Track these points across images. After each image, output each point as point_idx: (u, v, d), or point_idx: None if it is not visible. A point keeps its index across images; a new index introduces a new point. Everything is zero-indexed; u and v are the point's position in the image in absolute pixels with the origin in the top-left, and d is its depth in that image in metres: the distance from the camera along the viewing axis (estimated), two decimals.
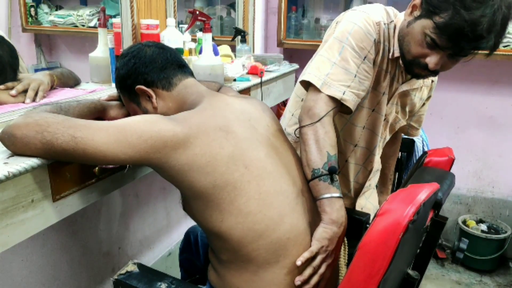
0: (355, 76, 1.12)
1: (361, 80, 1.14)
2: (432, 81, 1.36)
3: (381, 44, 1.17)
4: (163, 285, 0.95)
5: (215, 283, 1.00)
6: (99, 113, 1.05)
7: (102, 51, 1.46)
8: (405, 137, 2.03)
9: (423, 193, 0.80)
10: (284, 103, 2.32)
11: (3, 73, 1.20)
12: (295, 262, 0.93)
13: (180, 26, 1.67)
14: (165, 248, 1.89)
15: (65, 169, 0.89)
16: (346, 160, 1.35)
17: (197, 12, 1.54)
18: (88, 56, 1.48)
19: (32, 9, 1.79)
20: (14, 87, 1.16)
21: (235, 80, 1.66)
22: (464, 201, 2.61)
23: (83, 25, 1.84)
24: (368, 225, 0.84)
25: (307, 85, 1.16)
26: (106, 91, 1.35)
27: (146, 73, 1.01)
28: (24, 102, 1.15)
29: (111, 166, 1.00)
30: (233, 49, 1.98)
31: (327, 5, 2.55)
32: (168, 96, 1.02)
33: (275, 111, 2.42)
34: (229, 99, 1.04)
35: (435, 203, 0.92)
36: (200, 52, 1.57)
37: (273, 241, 0.92)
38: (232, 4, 2.33)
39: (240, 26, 2.21)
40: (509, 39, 2.12)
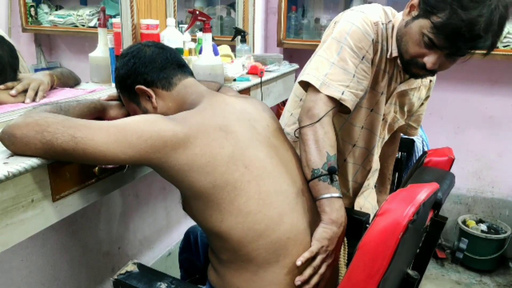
0: (353, 76, 1.12)
1: (359, 80, 1.14)
2: (430, 81, 1.36)
3: (379, 44, 1.18)
4: (163, 285, 0.95)
5: (215, 283, 1.00)
6: (99, 113, 1.05)
7: (102, 51, 1.46)
8: (405, 137, 2.02)
9: (423, 193, 0.80)
10: (284, 103, 2.32)
11: (3, 73, 1.20)
12: (295, 262, 0.93)
13: (180, 26, 1.67)
14: (165, 248, 1.89)
15: (65, 169, 0.89)
16: (344, 159, 1.35)
17: (197, 12, 1.54)
18: (88, 56, 1.48)
19: (32, 9, 1.79)
20: (14, 87, 1.16)
21: (235, 80, 1.66)
22: (464, 201, 2.61)
23: (83, 25, 1.84)
24: (367, 225, 0.84)
25: (305, 85, 1.16)
26: (106, 91, 1.35)
27: (146, 73, 1.01)
28: (24, 102, 1.15)
29: (111, 166, 1.00)
30: (233, 49, 1.98)
31: (327, 5, 2.55)
32: (168, 96, 1.02)
33: (275, 111, 2.42)
34: (229, 99, 1.04)
35: (435, 203, 0.92)
36: (200, 52, 1.57)
37: (273, 241, 0.92)
38: (232, 4, 2.33)
39: (240, 26, 2.21)
40: (509, 39, 2.12)
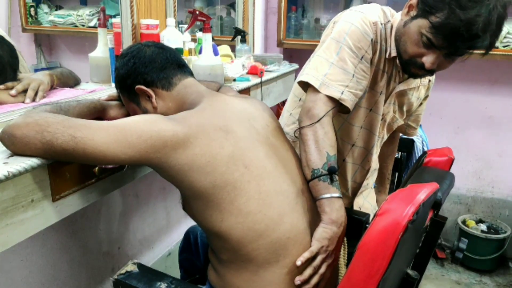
0: (353, 76, 1.12)
1: (358, 80, 1.14)
2: (429, 81, 1.37)
3: (378, 44, 1.18)
4: (163, 285, 0.95)
5: (215, 283, 1.00)
6: (99, 113, 1.05)
7: (102, 51, 1.46)
8: (405, 137, 2.02)
9: (423, 193, 0.80)
10: (284, 103, 2.32)
11: (3, 73, 1.20)
12: (295, 262, 0.93)
13: (180, 26, 1.67)
14: (165, 248, 1.89)
15: (65, 169, 0.89)
16: (343, 159, 1.35)
17: (197, 12, 1.54)
18: (88, 56, 1.48)
19: (32, 9, 1.78)
20: (14, 87, 1.16)
21: (235, 80, 1.66)
22: (463, 201, 2.61)
23: (83, 25, 1.84)
24: (367, 225, 0.84)
25: (305, 85, 1.16)
26: (106, 91, 1.35)
27: (145, 73, 1.01)
28: (24, 102, 1.15)
29: (110, 166, 1.00)
30: (233, 49, 1.98)
31: (327, 5, 2.55)
32: (167, 96, 1.02)
33: (275, 111, 2.42)
34: (228, 99, 1.04)
35: (434, 203, 0.92)
36: (200, 52, 1.57)
37: (273, 241, 0.92)
38: (232, 4, 2.33)
39: (240, 26, 2.21)
40: (509, 39, 2.12)
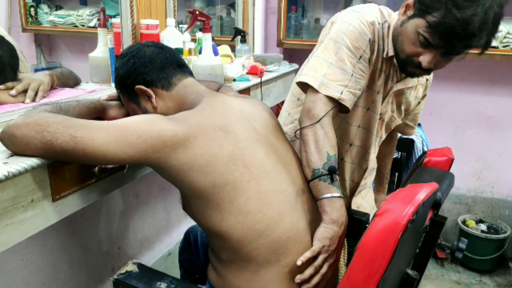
0: (351, 75, 1.13)
1: (357, 79, 1.14)
2: (427, 80, 1.37)
3: (376, 43, 1.18)
4: (163, 285, 0.95)
5: (215, 282, 1.00)
6: (98, 113, 1.05)
7: (102, 51, 1.46)
8: (405, 137, 2.03)
9: (422, 192, 0.80)
10: (283, 103, 2.32)
11: (3, 73, 1.20)
12: (295, 261, 0.93)
13: (180, 26, 1.67)
14: (165, 248, 1.89)
15: (65, 169, 0.89)
16: (342, 159, 1.35)
17: (197, 12, 1.54)
18: (88, 56, 1.48)
19: (32, 9, 1.78)
20: (14, 87, 1.16)
21: (235, 80, 1.66)
22: (463, 201, 2.61)
23: (83, 25, 1.84)
24: (367, 225, 0.84)
25: (303, 86, 1.16)
26: (106, 91, 1.35)
27: (145, 73, 1.01)
28: (24, 102, 1.15)
29: (110, 166, 1.00)
30: (233, 49, 1.98)
31: (327, 5, 2.55)
32: (167, 96, 1.02)
33: (275, 111, 2.41)
34: (228, 99, 1.04)
35: (434, 203, 0.92)
36: (199, 52, 1.57)
37: (273, 241, 0.92)
38: (232, 4, 2.33)
39: (240, 26, 2.21)
40: (508, 39, 2.12)
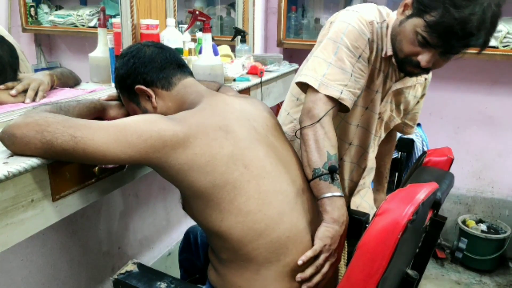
0: (351, 75, 1.13)
1: (357, 79, 1.15)
2: (425, 79, 1.38)
3: (375, 43, 1.19)
4: (163, 285, 0.95)
5: (215, 282, 1.00)
6: (98, 113, 1.05)
7: (102, 51, 1.46)
8: (405, 137, 2.03)
9: (422, 192, 0.80)
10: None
11: (3, 73, 1.20)
12: (297, 260, 0.93)
13: (180, 26, 1.67)
14: (165, 247, 1.89)
15: (65, 169, 0.89)
16: (341, 158, 1.35)
17: (197, 12, 1.54)
18: (88, 56, 1.48)
19: (32, 9, 1.78)
20: (14, 87, 1.16)
21: (235, 80, 1.66)
22: (463, 201, 2.61)
23: (83, 25, 1.84)
24: (367, 225, 0.84)
25: (303, 86, 1.17)
26: (106, 91, 1.35)
27: (145, 73, 1.01)
28: (24, 102, 1.15)
29: (110, 166, 1.00)
30: (233, 49, 1.98)
31: (327, 5, 2.55)
32: (167, 95, 1.02)
33: (275, 111, 2.40)
34: (228, 98, 1.04)
35: (434, 203, 0.92)
36: (200, 52, 1.57)
37: (273, 240, 0.92)
38: (232, 4, 2.33)
39: (240, 26, 2.21)
40: (509, 39, 2.12)
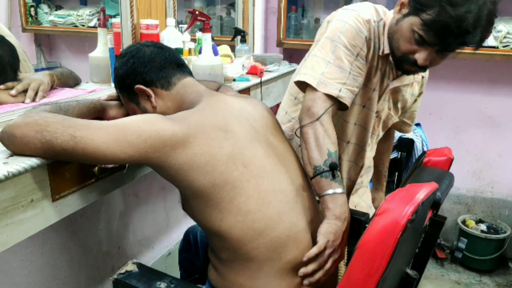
0: (349, 73, 1.14)
1: (355, 77, 1.16)
2: (422, 77, 1.39)
3: (372, 41, 1.20)
4: (163, 285, 0.95)
5: (216, 282, 1.00)
6: (98, 113, 1.05)
7: (101, 51, 1.46)
8: (405, 137, 2.03)
9: (422, 192, 0.80)
10: None
11: (3, 73, 1.21)
12: (298, 258, 0.93)
13: (180, 26, 1.67)
14: (164, 247, 1.89)
15: (64, 169, 0.89)
16: (339, 157, 1.36)
17: (197, 12, 1.54)
18: (88, 56, 1.48)
19: (32, 9, 1.78)
20: (14, 87, 1.16)
21: (234, 80, 1.66)
22: (463, 201, 2.61)
23: (83, 25, 1.84)
24: (367, 225, 0.84)
25: (301, 85, 1.17)
26: (105, 91, 1.35)
27: (145, 73, 1.01)
28: (24, 102, 1.15)
29: (110, 165, 1.00)
30: (233, 49, 1.98)
31: (327, 5, 2.55)
32: (167, 95, 1.02)
33: (275, 111, 2.40)
34: (228, 98, 1.04)
35: (433, 203, 0.92)
36: (199, 52, 1.57)
37: (273, 239, 0.92)
38: (232, 4, 2.33)
39: (240, 26, 2.21)
40: (508, 39, 2.12)
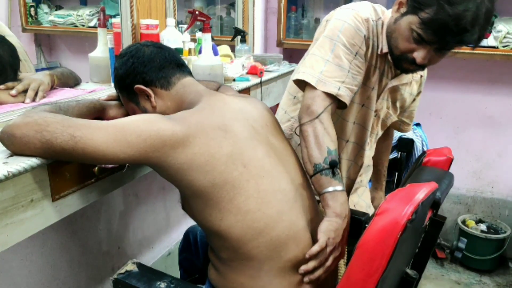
0: (348, 72, 1.14)
1: (354, 75, 1.16)
2: (421, 76, 1.39)
3: (370, 40, 1.20)
4: (163, 285, 0.95)
5: (216, 281, 1.00)
6: (98, 112, 1.05)
7: (101, 51, 1.46)
8: (405, 137, 2.03)
9: (422, 192, 0.80)
10: None
11: (4, 73, 1.21)
12: (297, 257, 0.93)
13: (179, 26, 1.67)
14: (164, 247, 1.89)
15: (64, 168, 0.89)
16: (338, 156, 1.36)
17: (197, 12, 1.54)
18: (88, 56, 1.48)
19: (32, 9, 1.78)
20: (14, 87, 1.16)
21: (234, 80, 1.66)
22: (463, 201, 2.61)
23: (83, 25, 1.84)
24: (366, 225, 0.84)
25: (300, 83, 1.17)
26: (105, 91, 1.35)
27: (144, 73, 1.01)
28: (24, 102, 1.15)
29: (110, 165, 1.00)
30: (233, 49, 1.98)
31: (327, 5, 2.55)
32: (166, 95, 1.02)
33: (275, 111, 2.41)
34: (227, 98, 1.05)
35: (433, 203, 0.92)
36: (199, 52, 1.57)
37: (273, 239, 0.93)
38: (232, 4, 2.33)
39: (239, 26, 2.21)
40: (508, 39, 2.11)
